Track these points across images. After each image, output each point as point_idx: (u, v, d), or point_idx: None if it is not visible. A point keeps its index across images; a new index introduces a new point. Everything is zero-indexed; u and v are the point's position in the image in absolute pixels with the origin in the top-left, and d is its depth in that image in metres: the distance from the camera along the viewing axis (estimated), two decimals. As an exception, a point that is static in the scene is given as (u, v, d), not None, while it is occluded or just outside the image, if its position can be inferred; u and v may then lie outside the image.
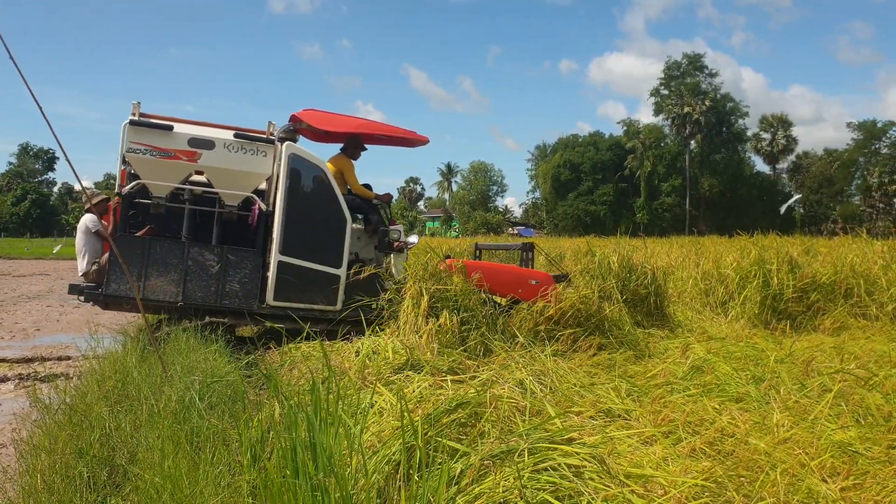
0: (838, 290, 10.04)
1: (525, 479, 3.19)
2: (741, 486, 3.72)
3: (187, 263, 7.84)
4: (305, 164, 8.19)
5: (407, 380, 4.86)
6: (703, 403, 5.15)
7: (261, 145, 7.97)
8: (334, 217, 8.26)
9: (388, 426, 3.84)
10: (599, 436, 4.15)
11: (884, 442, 4.39)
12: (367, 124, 9.41)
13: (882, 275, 10.40)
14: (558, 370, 6.03)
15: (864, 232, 16.14)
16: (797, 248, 14.10)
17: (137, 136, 7.65)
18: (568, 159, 78.98)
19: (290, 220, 8.04)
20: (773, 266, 10.06)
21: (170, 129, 7.76)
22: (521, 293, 8.45)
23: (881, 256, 11.41)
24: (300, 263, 8.05)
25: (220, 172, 7.96)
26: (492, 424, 3.85)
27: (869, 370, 5.96)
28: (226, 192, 8.06)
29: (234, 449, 4.19)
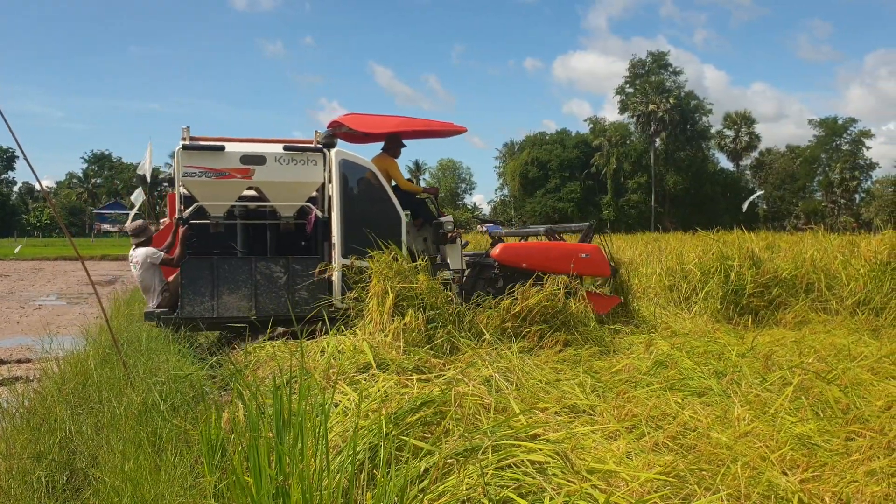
0: (799, 284, 10.20)
1: (488, 477, 3.20)
2: (702, 480, 3.76)
3: (255, 278, 8.00)
4: (356, 168, 8.40)
5: (372, 379, 4.85)
6: (666, 398, 5.21)
7: (310, 154, 8.17)
8: (389, 215, 8.44)
9: (353, 426, 3.83)
10: (563, 432, 4.18)
11: (842, 434, 4.48)
12: (405, 122, 9.57)
13: (842, 270, 10.58)
14: (524, 367, 6.06)
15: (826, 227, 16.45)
16: (759, 243, 14.30)
17: (191, 159, 7.83)
18: (535, 157, 79.38)
19: (347, 223, 8.24)
20: (735, 262, 10.19)
21: (222, 149, 7.93)
22: (573, 268, 8.82)
23: (841, 252, 11.62)
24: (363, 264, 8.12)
25: (274, 185, 8.15)
26: (456, 422, 3.85)
27: (828, 364, 6.08)
28: (281, 203, 8.28)
29: (197, 450, 4.16)
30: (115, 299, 12.10)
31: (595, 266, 9.15)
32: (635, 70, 78.59)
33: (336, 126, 9.32)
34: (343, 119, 9.22)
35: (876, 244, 10.83)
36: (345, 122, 9.18)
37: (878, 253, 10.39)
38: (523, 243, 9.60)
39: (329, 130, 8.80)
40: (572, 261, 8.88)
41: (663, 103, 74.39)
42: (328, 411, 3.80)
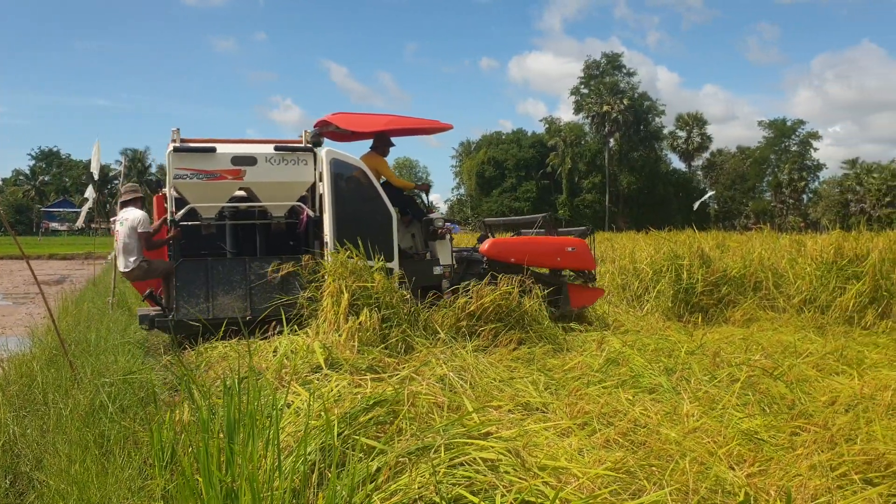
0: (748, 283, 10.41)
1: (441, 475, 3.21)
2: (652, 475, 3.81)
3: (250, 278, 7.96)
4: (346, 167, 8.41)
5: (325, 379, 4.83)
6: (617, 395, 5.28)
7: (301, 154, 8.19)
8: (380, 213, 8.46)
9: (305, 426, 3.81)
10: (516, 429, 4.20)
11: (787, 429, 4.58)
12: (393, 120, 9.62)
13: (789, 268, 10.83)
14: (479, 365, 6.08)
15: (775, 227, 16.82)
16: (710, 243, 14.58)
17: (182, 161, 7.79)
18: (492, 156, 79.66)
19: (339, 221, 8.22)
20: (686, 261, 10.36)
21: (213, 150, 7.92)
22: (559, 262, 9.17)
23: (788, 251, 11.89)
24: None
25: (265, 186, 8.15)
26: (409, 421, 3.85)
27: (775, 361, 6.21)
28: (272, 203, 8.28)
29: (146, 452, 4.10)
30: (62, 299, 11.84)
31: (580, 259, 9.33)
32: (590, 71, 79.34)
33: (323, 125, 9.34)
34: (331, 118, 9.24)
35: (822, 244, 11.11)
36: (333, 120, 9.21)
37: (825, 252, 10.65)
38: (511, 238, 9.79)
39: (316, 130, 8.77)
40: (559, 255, 9.17)
41: (617, 104, 75.23)
42: (280, 412, 3.78)
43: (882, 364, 6.38)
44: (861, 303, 9.25)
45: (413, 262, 8.84)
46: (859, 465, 3.90)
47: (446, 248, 9.14)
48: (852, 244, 10.69)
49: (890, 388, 5.29)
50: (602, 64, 79.10)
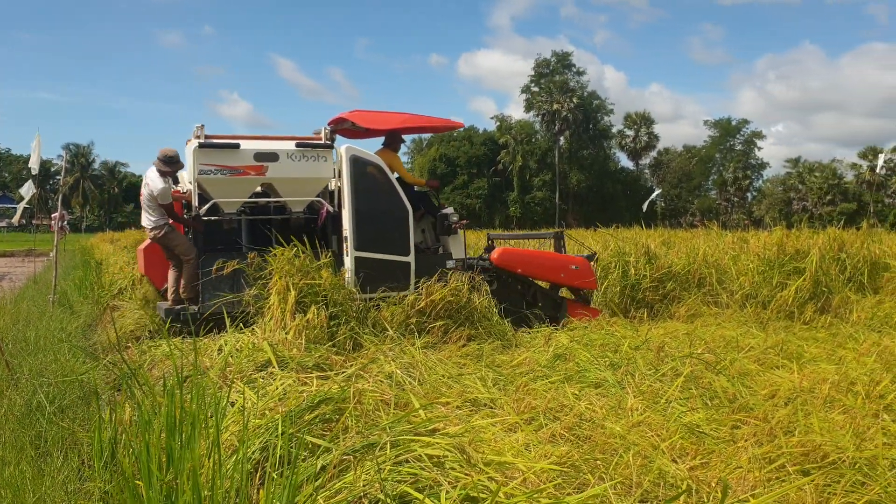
0: (692, 279, 10.59)
1: (386, 472, 3.20)
2: (596, 469, 3.86)
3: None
4: (365, 163, 8.56)
5: (270, 377, 4.78)
6: (563, 390, 5.33)
7: (321, 151, 8.41)
8: (397, 208, 8.65)
9: (249, 425, 3.76)
10: (463, 425, 4.21)
11: (728, 423, 4.67)
12: (408, 118, 9.87)
13: (732, 265, 11.03)
14: (427, 362, 6.08)
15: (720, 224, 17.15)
16: (656, 240, 14.80)
17: (206, 157, 7.95)
18: (444, 153, 79.67)
19: (359, 216, 8.38)
20: (632, 257, 10.50)
21: (237, 147, 8.09)
22: (563, 278, 9.46)
23: (731, 248, 12.13)
24: (374, 256, 8.40)
25: (287, 182, 8.35)
26: (355, 419, 3.83)
27: (717, 355, 6.33)
28: (292, 199, 8.49)
29: (84, 453, 4.01)
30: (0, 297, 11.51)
31: (582, 278, 9.52)
32: (540, 69, 79.94)
33: (340, 122, 9.48)
34: (349, 115, 9.40)
35: (765, 241, 11.35)
36: (350, 118, 9.37)
37: (767, 249, 10.88)
38: (520, 249, 10.21)
39: (330, 127, 8.94)
40: (563, 271, 9.44)
41: (567, 102, 75.95)
42: (223, 410, 3.73)
43: (820, 358, 6.54)
44: (801, 298, 9.48)
45: (427, 255, 9.07)
46: (797, 457, 3.99)
47: (459, 242, 9.43)
48: (794, 241, 10.94)
49: (828, 382, 5.42)
50: (552, 63, 79.77)
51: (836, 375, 5.59)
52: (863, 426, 4.42)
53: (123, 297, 11.29)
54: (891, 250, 12.87)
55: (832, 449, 4.00)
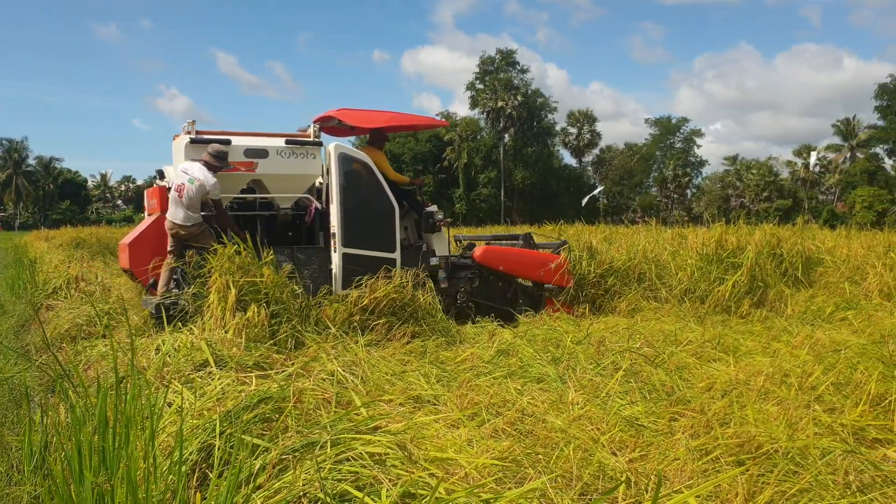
0: (632, 274, 10.73)
1: (326, 471, 3.17)
2: (537, 463, 3.88)
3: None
4: (353, 160, 8.76)
5: (209, 377, 4.69)
6: (506, 385, 5.35)
7: (310, 148, 8.61)
8: (384, 205, 8.86)
9: (187, 426, 3.69)
10: (405, 423, 4.20)
11: (666, 415, 4.75)
12: (394, 117, 10.11)
13: (671, 260, 11.23)
14: (371, 360, 6.04)
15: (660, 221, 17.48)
16: (598, 236, 14.98)
17: (197, 152, 8.05)
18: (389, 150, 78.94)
19: (347, 213, 8.54)
20: (575, 253, 10.60)
21: (228, 143, 8.19)
22: (542, 276, 9.81)
23: (670, 243, 12.34)
24: (361, 252, 8.62)
25: (276, 178, 8.49)
26: (295, 418, 3.79)
27: (656, 349, 6.43)
28: (281, 195, 8.61)
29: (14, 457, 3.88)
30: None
31: (559, 276, 9.88)
32: (485, 67, 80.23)
33: (325, 120, 9.64)
34: (335, 113, 9.55)
35: (703, 237, 11.59)
36: (337, 116, 9.53)
37: (706, 244, 11.11)
38: (503, 248, 10.38)
39: (316, 125, 9.07)
40: (541, 269, 9.79)
41: (511, 100, 76.43)
42: (159, 411, 3.64)
43: (756, 351, 6.70)
44: (738, 293, 9.70)
45: (412, 252, 9.24)
46: (732, 448, 4.08)
47: (443, 240, 9.63)
48: (731, 237, 11.19)
49: (762, 374, 5.55)
50: (497, 60, 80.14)
51: (770, 368, 5.73)
52: (795, 417, 4.53)
53: (58, 296, 10.98)
54: (824, 246, 13.27)
55: (766, 440, 4.09)
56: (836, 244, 13.91)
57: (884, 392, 4.94)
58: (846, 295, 9.62)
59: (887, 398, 4.88)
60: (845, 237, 16.35)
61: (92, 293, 10.53)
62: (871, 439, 4.53)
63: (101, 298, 9.86)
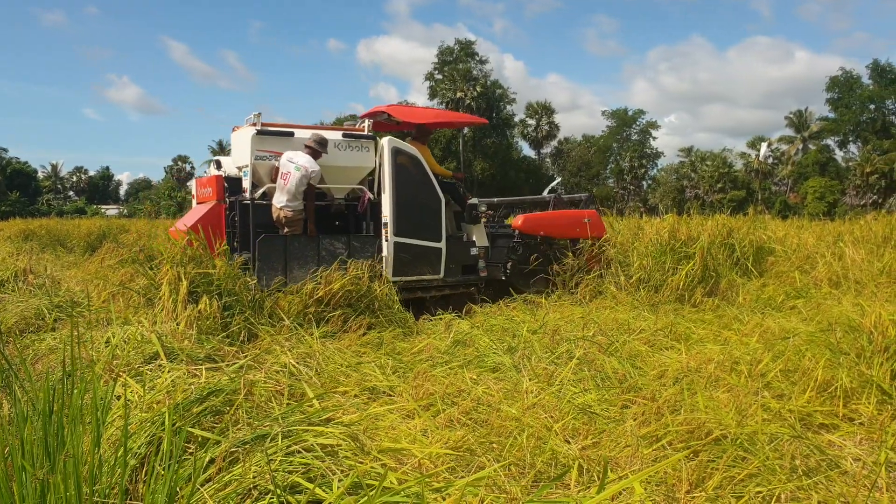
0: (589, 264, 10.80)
1: (276, 463, 3.14)
2: (491, 451, 3.90)
3: (321, 254, 8.46)
4: (405, 154, 9.17)
5: (159, 369, 4.61)
6: (462, 375, 5.37)
7: (364, 142, 9.03)
8: (432, 197, 9.33)
9: (135, 419, 3.62)
10: (359, 414, 4.18)
11: (618, 403, 4.81)
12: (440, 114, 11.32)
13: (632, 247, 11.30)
14: (325, 351, 6.01)
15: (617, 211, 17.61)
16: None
17: (263, 143, 8.52)
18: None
19: (398, 204, 8.95)
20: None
21: (291, 135, 8.72)
22: (578, 232, 10.54)
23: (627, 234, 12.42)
24: (410, 241, 9.10)
25: (332, 169, 8.80)
26: (246, 411, 3.74)
27: (609, 337, 6.49)
28: (336, 186, 9.05)
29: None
30: None
31: (595, 228, 10.66)
32: (444, 57, 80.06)
33: (374, 115, 10.11)
34: (386, 108, 10.18)
35: (658, 227, 11.69)
36: (388, 111, 10.13)
37: (660, 235, 11.22)
38: (539, 214, 10.97)
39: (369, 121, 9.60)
40: (578, 226, 10.55)
41: (470, 91, 76.37)
42: (107, 404, 3.57)
43: (707, 339, 6.79)
44: (691, 282, 9.82)
45: (455, 242, 9.75)
46: (683, 435, 4.14)
47: (481, 231, 10.14)
48: (684, 228, 11.32)
49: (713, 362, 5.65)
50: (455, 51, 79.99)
51: (721, 355, 5.83)
52: (745, 403, 4.61)
53: (5, 289, 10.70)
54: (775, 235, 13.50)
55: (715, 426, 4.16)
56: (786, 234, 14.18)
57: (830, 378, 5.06)
58: (796, 284, 9.80)
59: (834, 384, 5.00)
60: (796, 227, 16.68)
61: (41, 286, 10.29)
62: (818, 424, 4.64)
63: (51, 291, 9.64)
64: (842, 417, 4.72)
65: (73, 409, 3.25)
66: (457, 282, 9.68)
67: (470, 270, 9.95)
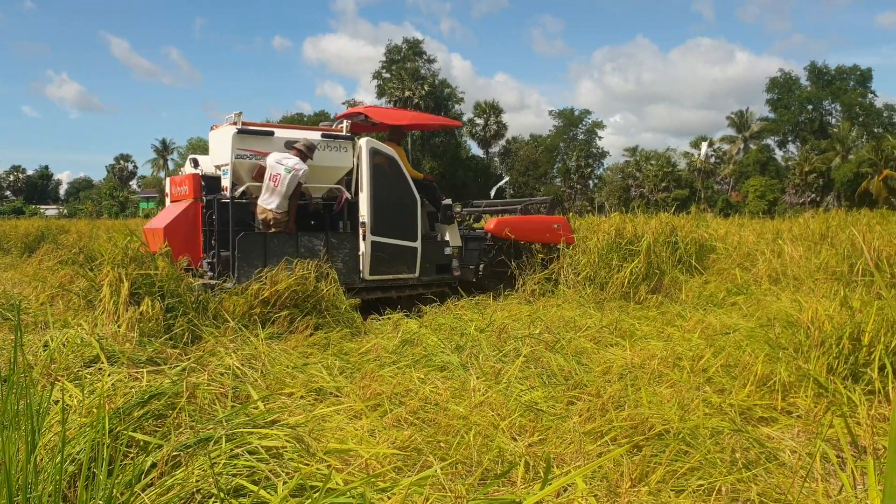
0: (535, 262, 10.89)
1: (220, 466, 3.09)
2: (438, 450, 3.91)
3: (300, 251, 8.57)
4: (382, 155, 9.31)
5: (99, 373, 4.51)
6: (410, 375, 5.35)
7: (342, 142, 9.18)
8: (408, 197, 9.52)
9: (74, 424, 3.53)
10: (305, 415, 4.15)
11: (564, 399, 4.85)
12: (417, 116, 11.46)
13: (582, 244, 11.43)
14: (271, 353, 5.94)
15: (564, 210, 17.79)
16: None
17: (243, 143, 8.57)
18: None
19: (375, 203, 9.12)
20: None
21: (271, 134, 8.86)
22: (548, 237, 10.82)
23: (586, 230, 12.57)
24: (387, 241, 9.28)
25: (312, 169, 8.78)
26: (189, 414, 3.68)
27: (556, 335, 6.56)
28: (314, 185, 9.08)
29: None
30: None
31: (565, 234, 10.96)
32: (391, 56, 79.87)
33: (351, 115, 10.18)
34: (363, 109, 10.43)
35: (604, 226, 11.84)
36: (365, 112, 10.32)
37: (606, 233, 11.36)
38: (510, 217, 11.15)
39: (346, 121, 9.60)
40: (548, 231, 10.84)
41: (419, 90, 76.34)
42: (44, 410, 3.48)
43: (651, 335, 6.91)
44: (635, 280, 9.98)
45: (429, 242, 9.93)
46: (627, 430, 4.20)
47: (455, 231, 10.33)
48: (630, 226, 11.48)
49: (656, 357, 5.74)
50: (403, 49, 79.87)
51: (664, 352, 5.93)
52: (687, 398, 4.70)
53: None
54: (717, 233, 13.81)
55: (658, 421, 4.23)
56: (728, 232, 14.51)
57: (769, 373, 5.18)
58: (737, 281, 10.03)
59: (773, 378, 5.12)
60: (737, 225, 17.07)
61: (-25, 289, 9.97)
62: (758, 418, 4.75)
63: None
64: (780, 411, 4.84)
65: (6, 414, 3.16)
66: (431, 281, 9.89)
67: (444, 270, 10.14)
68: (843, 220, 14.87)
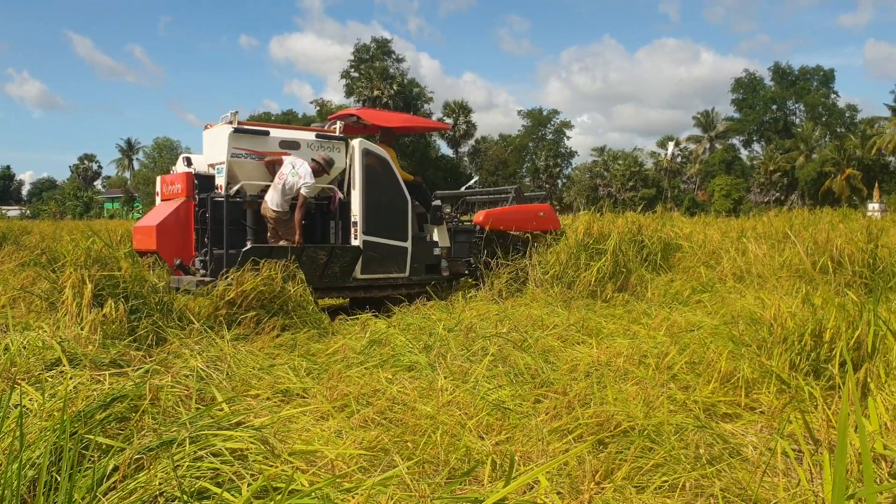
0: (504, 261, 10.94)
1: (184, 469, 3.06)
2: (405, 450, 3.90)
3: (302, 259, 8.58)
4: (374, 156, 9.49)
5: (61, 376, 4.44)
6: (377, 375, 5.34)
7: (336, 143, 9.38)
8: (399, 198, 9.72)
9: (35, 427, 3.47)
10: (270, 417, 4.12)
11: (531, 398, 4.88)
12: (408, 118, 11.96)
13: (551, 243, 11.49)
14: (237, 354, 5.90)
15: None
16: (472, 224, 15.14)
17: (238, 142, 8.70)
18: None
19: (367, 203, 9.30)
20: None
21: (266, 134, 9.00)
22: (535, 225, 11.06)
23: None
24: (379, 240, 9.44)
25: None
26: (152, 416, 3.64)
27: (523, 333, 6.58)
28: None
29: None
30: None
31: (550, 222, 11.27)
32: (360, 55, 79.58)
33: (344, 117, 10.39)
34: (356, 111, 10.48)
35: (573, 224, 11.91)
36: (358, 113, 10.45)
37: (575, 231, 11.43)
38: (499, 209, 11.26)
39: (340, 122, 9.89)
40: (534, 220, 11.10)
41: (388, 89, 76.16)
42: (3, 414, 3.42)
43: (617, 333, 6.97)
44: (602, 278, 10.05)
45: (419, 242, 10.10)
46: (593, 427, 4.23)
47: (444, 232, 10.54)
48: (598, 225, 11.56)
49: (622, 355, 5.80)
50: (372, 49, 79.64)
51: (630, 349, 5.99)
52: (652, 395, 4.75)
53: None
54: (682, 232, 13.95)
55: (624, 418, 4.26)
56: (693, 230, 14.66)
57: (733, 370, 5.25)
58: (702, 279, 10.14)
59: (736, 375, 5.19)
60: (703, 224, 17.26)
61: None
62: (721, 414, 4.81)
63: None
64: (744, 407, 4.91)
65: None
66: (421, 280, 10.03)
67: (433, 270, 10.31)
68: (806, 219, 15.11)
